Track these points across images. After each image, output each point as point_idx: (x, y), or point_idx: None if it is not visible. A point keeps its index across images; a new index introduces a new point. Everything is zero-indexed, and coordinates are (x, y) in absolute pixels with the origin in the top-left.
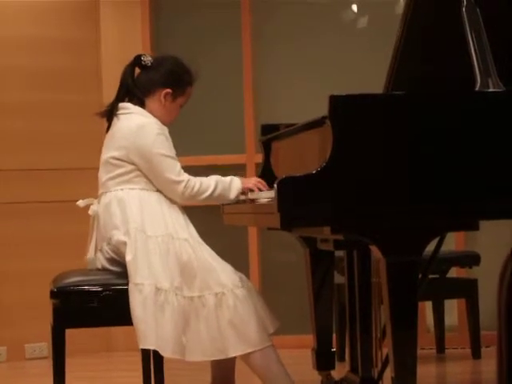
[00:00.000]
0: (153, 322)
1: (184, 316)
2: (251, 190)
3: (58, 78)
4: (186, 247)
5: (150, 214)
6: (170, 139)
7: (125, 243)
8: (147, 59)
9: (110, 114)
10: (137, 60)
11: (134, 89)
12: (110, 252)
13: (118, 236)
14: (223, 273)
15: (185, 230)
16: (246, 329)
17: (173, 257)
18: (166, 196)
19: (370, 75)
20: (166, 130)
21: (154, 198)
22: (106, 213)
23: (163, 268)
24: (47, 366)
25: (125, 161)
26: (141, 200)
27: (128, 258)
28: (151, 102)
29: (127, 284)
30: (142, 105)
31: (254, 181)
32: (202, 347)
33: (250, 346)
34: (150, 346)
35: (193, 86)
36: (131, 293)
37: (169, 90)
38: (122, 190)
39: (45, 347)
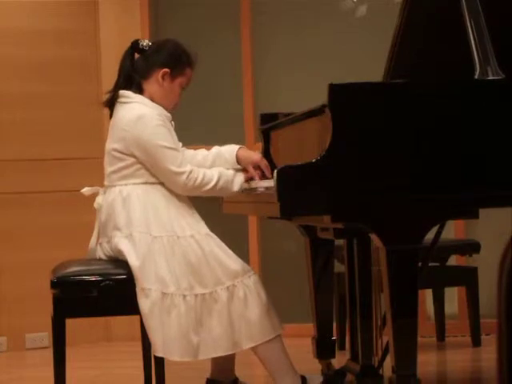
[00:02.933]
0: (159, 329)
1: (195, 316)
2: (251, 179)
3: (57, 68)
4: (193, 245)
5: (155, 212)
6: (172, 129)
7: (124, 247)
8: (145, 43)
9: (111, 101)
10: (134, 45)
11: (132, 74)
12: (109, 250)
13: (119, 239)
14: (233, 263)
15: (191, 225)
16: (256, 319)
17: (179, 258)
18: (170, 189)
19: (369, 64)
20: (168, 119)
21: (158, 192)
22: (109, 210)
23: (169, 271)
24: (47, 356)
25: (125, 153)
26: (145, 197)
27: (134, 263)
28: (150, 84)
29: (127, 274)
30: (140, 90)
31: (260, 160)
32: (215, 343)
33: (262, 336)
34: (159, 353)
35: (193, 69)
36: (139, 298)
37: (166, 70)
38: (125, 185)
39: (45, 337)
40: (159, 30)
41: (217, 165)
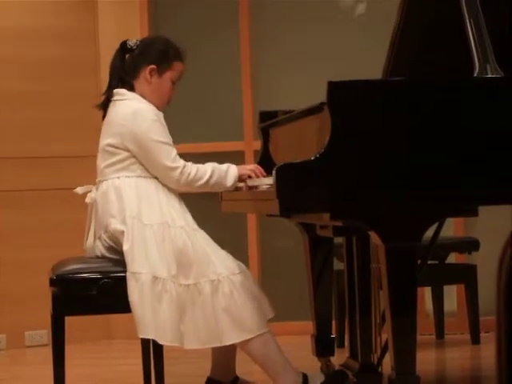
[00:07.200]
0: (150, 311)
1: (181, 304)
2: (249, 177)
3: (56, 67)
4: (182, 235)
5: (147, 201)
6: (165, 125)
7: (122, 232)
8: (132, 42)
9: (106, 102)
10: (123, 45)
11: (123, 74)
12: (108, 240)
13: (115, 225)
14: (219, 260)
15: (181, 218)
16: (241, 316)
17: (169, 245)
18: (162, 183)
19: (368, 63)
20: (161, 115)
21: (150, 185)
22: (103, 201)
23: (160, 257)
24: (47, 354)
25: (120, 148)
26: (137, 188)
27: (125, 247)
28: (139, 83)
29: (126, 272)
30: (132, 89)
31: (251, 167)
32: (198, 335)
33: (246, 332)
34: (149, 335)
35: (183, 62)
36: (128, 281)
37: (153, 66)
38: (118, 178)
39: (44, 335)
40: (159, 29)
41: None
